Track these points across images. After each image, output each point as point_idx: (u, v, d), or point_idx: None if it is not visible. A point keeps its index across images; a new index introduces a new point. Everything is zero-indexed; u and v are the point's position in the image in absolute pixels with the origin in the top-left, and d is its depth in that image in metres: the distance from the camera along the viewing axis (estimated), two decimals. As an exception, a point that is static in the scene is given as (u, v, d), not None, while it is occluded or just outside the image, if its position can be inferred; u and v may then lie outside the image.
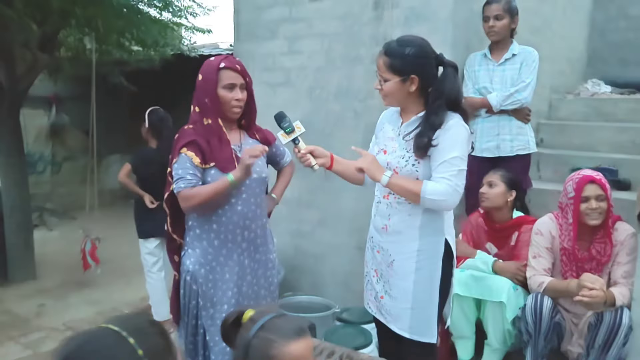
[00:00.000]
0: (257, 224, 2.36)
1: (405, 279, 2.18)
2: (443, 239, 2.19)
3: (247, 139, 2.38)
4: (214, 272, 2.29)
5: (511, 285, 2.75)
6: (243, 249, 2.33)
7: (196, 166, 2.17)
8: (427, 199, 2.03)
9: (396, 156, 2.16)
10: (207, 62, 2.27)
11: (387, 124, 2.30)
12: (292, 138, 2.19)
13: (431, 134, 2.04)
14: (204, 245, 2.28)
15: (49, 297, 4.82)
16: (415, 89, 2.09)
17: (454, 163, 2.03)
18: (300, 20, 3.83)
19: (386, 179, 2.08)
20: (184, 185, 2.15)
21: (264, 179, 2.38)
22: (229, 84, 2.21)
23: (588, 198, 2.56)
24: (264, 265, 2.42)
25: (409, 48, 2.07)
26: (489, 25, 3.22)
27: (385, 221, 2.23)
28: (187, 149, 2.17)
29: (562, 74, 4.99)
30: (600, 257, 2.63)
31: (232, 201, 2.26)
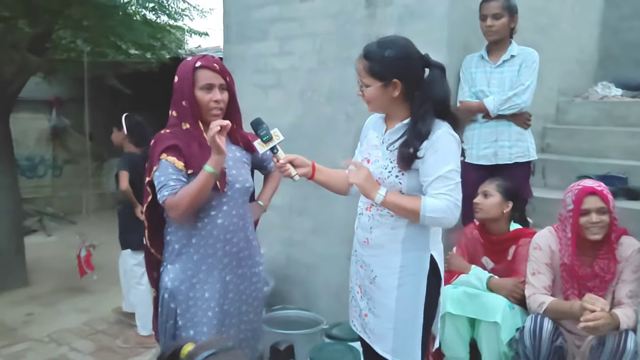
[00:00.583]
0: (240, 237, 2.20)
1: (388, 296, 2.03)
2: (428, 254, 2.03)
3: (230, 145, 2.21)
4: (194, 290, 2.14)
5: (507, 304, 2.55)
6: (224, 264, 2.17)
7: (180, 170, 2.02)
8: (428, 217, 1.88)
9: (379, 166, 2.00)
10: (183, 62, 2.13)
11: (372, 130, 2.14)
12: (270, 147, 2.03)
13: (417, 144, 1.88)
14: (183, 261, 2.14)
15: (38, 304, 4.70)
16: (398, 94, 1.92)
17: (450, 177, 1.88)
18: (291, 19, 3.67)
19: (381, 197, 1.92)
20: (167, 193, 2.00)
21: (247, 189, 2.23)
22: (206, 84, 2.07)
23: (588, 211, 2.36)
24: (248, 280, 2.26)
25: (389, 50, 1.90)
26: (487, 24, 3.02)
27: (367, 234, 2.08)
28: (167, 154, 2.03)
29: (571, 76, 4.77)
30: (604, 274, 2.43)
31: (212, 214, 2.11)
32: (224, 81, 2.12)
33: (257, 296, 2.30)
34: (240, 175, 2.17)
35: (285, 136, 3.75)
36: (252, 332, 2.32)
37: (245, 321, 2.25)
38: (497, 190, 2.75)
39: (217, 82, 2.09)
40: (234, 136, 2.22)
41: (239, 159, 2.22)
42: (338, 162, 3.16)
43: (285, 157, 2.02)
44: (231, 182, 2.13)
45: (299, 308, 3.56)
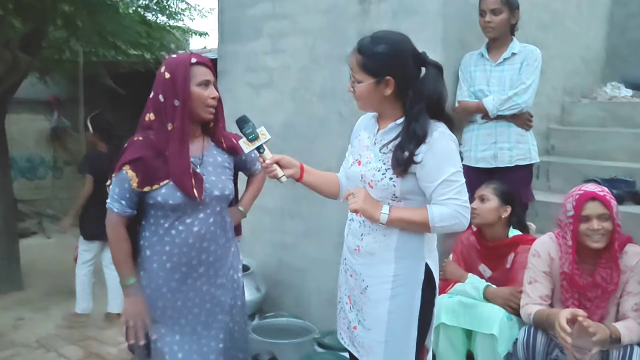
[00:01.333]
0: (218, 245, 2.09)
1: (379, 307, 1.92)
2: (423, 263, 1.91)
3: (211, 149, 2.11)
4: (164, 299, 2.03)
5: (505, 315, 2.41)
6: (200, 273, 2.06)
7: (133, 190, 1.94)
8: (439, 227, 1.81)
9: (371, 168, 1.88)
10: (172, 59, 2.01)
11: (363, 130, 2.02)
12: (256, 146, 1.92)
13: (413, 148, 1.77)
14: (154, 268, 2.03)
15: (30, 309, 4.60)
16: (391, 92, 1.81)
17: (454, 180, 1.79)
18: (283, 16, 3.56)
19: (385, 217, 1.83)
20: (116, 211, 1.97)
21: (227, 197, 2.11)
22: (204, 80, 1.97)
23: (589, 217, 2.22)
24: (228, 290, 2.15)
25: (382, 45, 1.79)
26: (485, 20, 2.89)
27: (358, 241, 1.96)
28: (130, 167, 1.93)
29: (577, 75, 4.61)
30: (606, 284, 2.28)
31: (187, 221, 2.00)
32: (214, 79, 2.03)
33: (237, 305, 2.18)
34: (219, 182, 2.07)
35: (277, 136, 3.70)
36: (236, 343, 2.20)
37: (228, 332, 2.13)
38: (494, 194, 2.61)
39: (212, 79, 2.00)
40: (216, 137, 2.11)
41: (220, 164, 2.11)
42: (331, 163, 3.08)
43: (272, 157, 1.92)
44: (209, 189, 2.02)
45: (290, 315, 3.44)
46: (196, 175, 1.98)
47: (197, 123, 2.04)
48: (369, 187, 1.87)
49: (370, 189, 1.87)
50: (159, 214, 1.99)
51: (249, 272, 3.48)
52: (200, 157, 2.05)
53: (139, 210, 2.02)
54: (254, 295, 3.40)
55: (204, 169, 2.04)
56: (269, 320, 3.31)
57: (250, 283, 3.44)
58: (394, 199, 1.85)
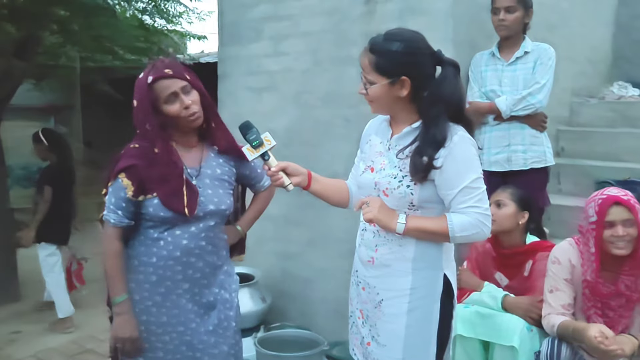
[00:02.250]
0: (206, 262, 1.98)
1: (396, 322, 1.81)
2: (441, 274, 1.82)
3: (211, 160, 2.00)
4: (148, 314, 1.93)
5: (525, 326, 2.30)
6: (184, 289, 1.95)
7: (129, 199, 1.85)
8: (459, 236, 1.72)
9: (385, 175, 1.77)
10: (137, 82, 1.91)
11: (375, 135, 1.92)
12: (261, 153, 1.81)
13: (432, 153, 1.67)
14: (140, 280, 1.93)
15: (26, 321, 4.49)
16: (406, 94, 1.71)
17: (475, 186, 1.70)
18: (285, 18, 3.46)
19: (402, 227, 1.73)
20: (113, 222, 1.88)
21: (222, 212, 2.00)
22: (168, 95, 1.85)
23: (613, 223, 2.11)
24: (218, 310, 2.02)
25: (397, 43, 1.69)
26: (499, 18, 2.78)
27: (372, 253, 1.85)
28: (126, 175, 1.84)
29: (584, 76, 4.52)
30: (630, 293, 2.18)
31: (176, 233, 1.90)
32: (186, 82, 1.89)
33: (229, 326, 2.05)
34: (215, 195, 1.96)
35: (280, 142, 3.53)
36: None
37: (216, 354, 2.00)
38: (511, 200, 2.51)
39: (178, 87, 1.86)
40: (213, 138, 2.00)
41: (219, 177, 2.00)
42: (336, 169, 2.97)
43: (278, 165, 1.82)
44: (204, 203, 1.92)
45: (297, 326, 3.32)
46: (191, 188, 1.88)
47: (192, 132, 1.95)
48: (383, 196, 1.77)
49: (385, 197, 1.76)
50: (148, 223, 1.90)
51: (254, 282, 3.37)
52: (197, 169, 1.95)
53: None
54: (259, 305, 3.29)
55: (201, 182, 1.94)
56: (275, 332, 3.19)
57: (255, 293, 3.33)
58: (410, 208, 1.75)
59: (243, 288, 3.30)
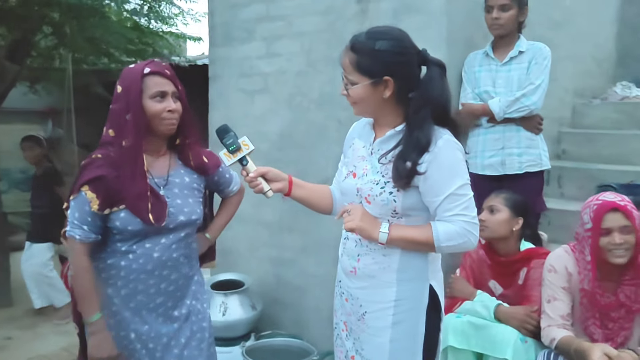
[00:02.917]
0: (180, 274, 1.90)
1: (380, 335, 1.72)
2: (427, 285, 1.73)
3: (179, 168, 1.92)
4: (118, 328, 1.84)
5: (519, 337, 2.19)
6: (157, 304, 1.87)
7: (95, 213, 1.74)
8: (445, 246, 1.64)
9: (367, 181, 1.69)
10: (127, 69, 1.83)
11: (358, 139, 1.83)
12: (238, 158, 1.74)
13: (416, 158, 1.59)
14: (109, 294, 1.84)
15: (18, 327, 4.45)
16: (390, 95, 1.62)
17: (461, 193, 1.61)
18: (278, 18, 3.37)
19: (385, 236, 1.64)
20: (79, 238, 1.76)
21: (193, 222, 1.91)
22: (158, 92, 1.77)
23: (610, 230, 2.01)
24: (191, 322, 1.94)
25: (380, 42, 1.60)
26: (493, 16, 2.68)
27: (354, 263, 1.76)
28: (90, 187, 1.74)
29: (588, 76, 4.40)
30: (631, 303, 2.08)
31: (146, 246, 1.81)
32: (177, 90, 1.82)
33: (203, 338, 1.97)
34: (185, 205, 1.88)
35: (274, 146, 3.51)
36: None
37: None
38: (505, 205, 2.41)
39: (170, 90, 1.80)
40: (184, 155, 1.92)
41: (188, 186, 1.92)
42: (330, 173, 2.85)
43: (256, 170, 1.74)
44: (173, 214, 1.83)
45: (288, 334, 3.23)
46: (158, 198, 1.79)
47: (162, 139, 1.86)
48: (365, 203, 1.68)
49: (368, 204, 1.67)
50: (116, 237, 1.80)
51: (244, 289, 3.28)
52: (165, 178, 1.86)
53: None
54: (249, 313, 3.20)
55: (169, 191, 1.85)
56: (264, 340, 3.10)
57: (245, 300, 3.24)
58: (394, 216, 1.66)
59: (233, 295, 3.23)
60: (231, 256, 3.77)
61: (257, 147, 3.47)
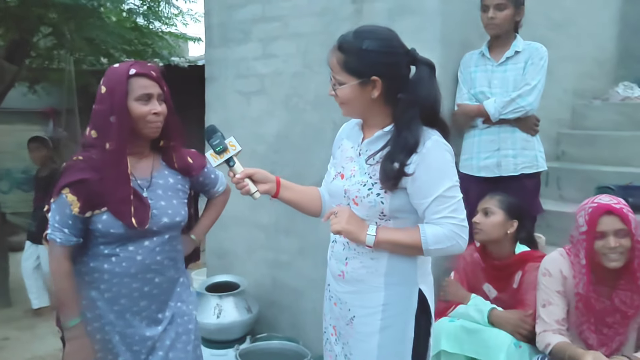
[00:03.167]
0: (165, 277, 1.88)
1: (368, 340, 1.70)
2: (416, 289, 1.70)
3: (163, 169, 1.90)
4: (102, 332, 1.82)
5: (512, 342, 2.16)
6: (141, 307, 1.84)
7: (76, 216, 1.72)
8: (433, 249, 1.60)
9: (355, 182, 1.66)
10: (111, 69, 1.80)
11: (346, 139, 1.81)
12: (225, 159, 1.71)
13: (404, 159, 1.56)
14: (92, 297, 1.82)
15: (16, 327, 4.46)
16: (378, 95, 1.59)
17: (449, 195, 1.58)
18: (274, 19, 3.36)
19: (372, 239, 1.61)
20: (59, 241, 1.75)
21: (177, 224, 1.89)
22: (144, 94, 1.74)
23: (604, 234, 1.97)
24: (176, 324, 1.92)
25: (368, 41, 1.57)
26: (489, 15, 2.65)
27: (342, 266, 1.74)
28: (70, 190, 1.71)
29: (589, 77, 4.36)
30: (626, 308, 2.04)
31: (130, 249, 1.79)
32: (162, 92, 1.80)
33: (188, 340, 1.95)
34: (169, 207, 1.85)
35: (270, 148, 3.50)
36: None
37: None
38: (499, 208, 2.38)
39: (155, 92, 1.77)
40: (167, 157, 1.90)
41: (172, 187, 1.90)
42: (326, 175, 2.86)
43: (243, 171, 1.71)
44: (157, 216, 1.81)
45: (284, 337, 3.21)
46: (141, 200, 1.77)
47: (146, 141, 1.84)
48: (353, 204, 1.65)
49: (355, 206, 1.65)
50: (99, 239, 1.78)
51: (239, 291, 3.26)
52: (148, 180, 1.84)
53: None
54: (244, 316, 3.18)
55: (153, 193, 1.83)
56: (259, 343, 3.08)
57: (240, 303, 3.22)
58: (382, 218, 1.64)
59: (227, 297, 3.21)
60: (228, 258, 3.76)
61: (254, 149, 3.53)
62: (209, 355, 3.14)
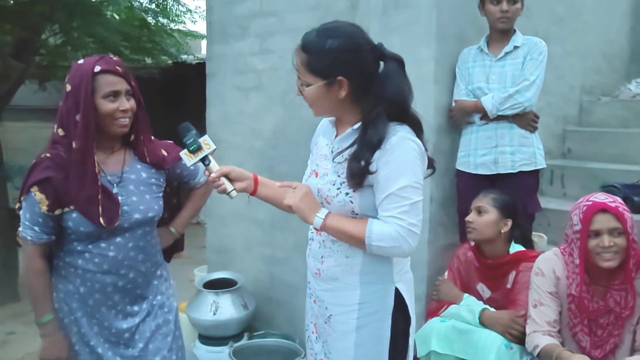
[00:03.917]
0: (139, 272, 1.86)
1: (345, 339, 1.67)
2: (392, 287, 1.66)
3: (135, 163, 1.87)
4: (79, 325, 1.82)
5: (503, 343, 2.11)
6: (115, 301, 1.84)
7: (45, 214, 1.71)
8: (375, 245, 1.54)
9: (327, 181, 1.63)
10: (76, 66, 1.76)
11: (322, 136, 1.78)
12: (199, 158, 1.68)
13: (368, 156, 1.51)
14: (69, 290, 1.82)
15: (22, 322, 4.48)
16: (346, 94, 1.55)
17: (403, 195, 1.51)
18: (271, 14, 3.34)
19: (320, 221, 1.56)
20: (30, 239, 1.75)
21: (150, 219, 1.87)
22: (111, 91, 1.71)
23: (599, 232, 1.91)
24: (155, 315, 1.91)
25: (331, 40, 1.52)
26: (502, 9, 2.57)
27: (318, 264, 1.72)
28: (39, 188, 1.70)
29: (597, 72, 4.26)
30: (620, 309, 1.98)
31: (102, 245, 1.78)
32: (129, 87, 1.76)
33: (169, 331, 1.94)
34: (142, 202, 1.83)
35: (267, 143, 3.48)
36: None
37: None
38: (492, 206, 2.32)
39: (122, 88, 1.73)
40: (139, 152, 1.87)
41: (145, 181, 1.87)
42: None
43: (219, 170, 1.67)
44: (128, 213, 1.79)
45: (280, 335, 3.19)
46: (110, 198, 1.75)
47: (115, 137, 1.81)
48: (326, 203, 1.62)
49: (328, 205, 1.61)
50: (71, 236, 1.78)
51: (236, 288, 3.25)
52: (119, 175, 1.82)
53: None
54: (241, 313, 3.17)
55: (124, 189, 1.81)
56: (255, 341, 3.07)
57: (236, 300, 3.21)
58: (354, 216, 1.60)
59: (224, 294, 3.20)
60: (226, 255, 3.75)
61: (252, 144, 3.52)
62: (205, 352, 3.14)
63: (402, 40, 2.63)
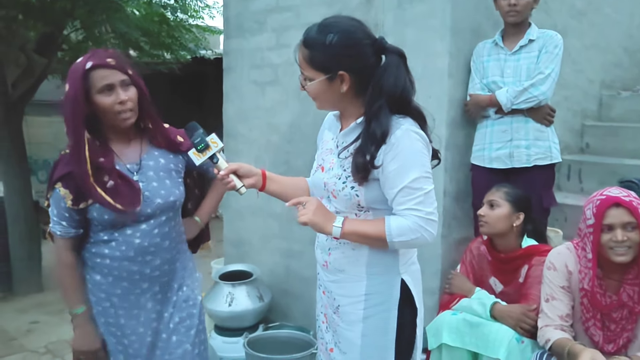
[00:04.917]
0: (165, 259, 1.89)
1: (352, 329, 1.71)
2: (398, 279, 1.68)
3: (152, 150, 1.90)
4: (107, 315, 1.87)
5: (514, 337, 2.12)
6: (143, 289, 1.88)
7: (70, 209, 1.75)
8: (397, 242, 1.56)
9: (332, 175, 1.64)
10: (72, 66, 1.77)
11: (328, 131, 1.79)
12: (207, 157, 1.70)
13: (373, 150, 1.53)
14: (96, 281, 1.86)
15: (45, 312, 4.61)
16: (348, 88, 1.56)
17: (416, 187, 1.53)
18: (287, 9, 3.36)
19: (338, 230, 1.58)
20: (59, 234, 1.81)
21: (172, 203, 1.89)
22: (104, 85, 1.70)
23: (612, 227, 1.90)
24: (180, 308, 1.95)
25: (332, 35, 1.53)
26: (510, 2, 2.57)
27: (325, 256, 1.74)
28: (62, 184, 1.75)
29: (618, 67, 4.20)
30: (634, 304, 1.96)
31: (127, 232, 1.82)
32: (126, 76, 1.75)
33: (192, 324, 1.97)
34: (162, 187, 1.86)
35: (283, 138, 3.51)
36: None
37: (179, 354, 1.92)
38: (505, 200, 2.32)
39: (116, 80, 1.72)
40: (153, 137, 1.90)
41: (164, 167, 1.90)
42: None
43: (228, 167, 1.69)
44: (149, 198, 1.82)
45: (296, 326, 3.22)
46: (130, 185, 1.78)
47: (128, 128, 1.83)
48: (332, 197, 1.64)
49: (334, 199, 1.64)
50: (98, 227, 1.82)
51: (251, 280, 3.29)
52: (137, 163, 1.85)
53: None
54: (256, 304, 3.21)
55: (144, 175, 1.84)
56: (267, 332, 3.10)
57: (252, 291, 3.25)
58: (360, 210, 1.62)
59: (240, 286, 3.25)
60: (243, 247, 3.80)
61: (268, 139, 3.55)
62: (221, 342, 3.19)
63: (417, 34, 2.63)
